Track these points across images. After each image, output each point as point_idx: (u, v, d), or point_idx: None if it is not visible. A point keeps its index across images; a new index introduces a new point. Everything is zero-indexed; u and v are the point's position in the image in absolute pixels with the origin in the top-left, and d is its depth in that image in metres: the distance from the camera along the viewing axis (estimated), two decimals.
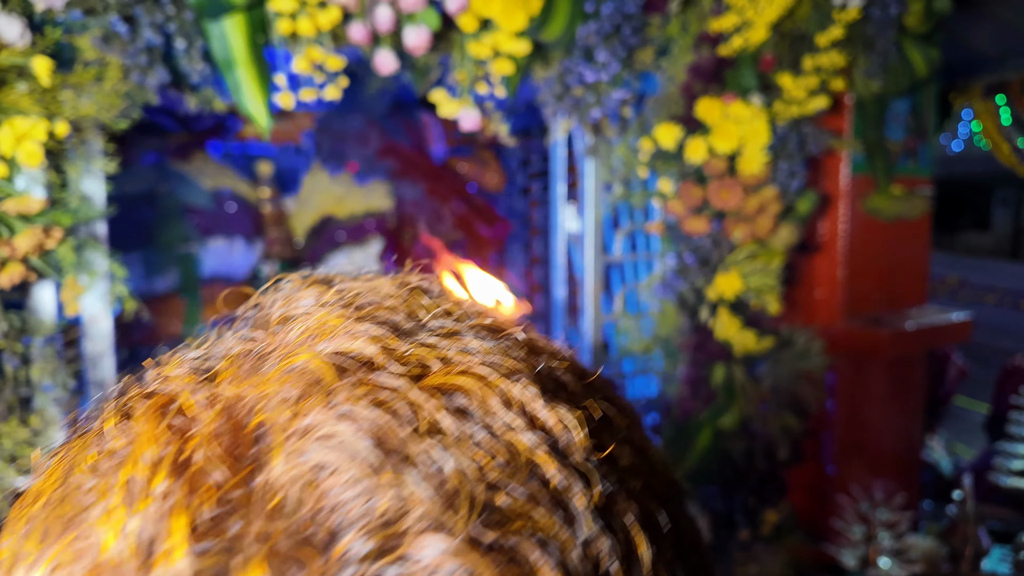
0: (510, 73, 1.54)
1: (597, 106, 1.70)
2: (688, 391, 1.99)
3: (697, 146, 1.79)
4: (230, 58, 1.27)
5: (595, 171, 1.96)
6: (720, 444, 2.05)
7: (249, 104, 1.32)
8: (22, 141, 1.03)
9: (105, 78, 1.20)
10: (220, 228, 2.54)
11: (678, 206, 1.84)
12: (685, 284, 1.92)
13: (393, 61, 1.41)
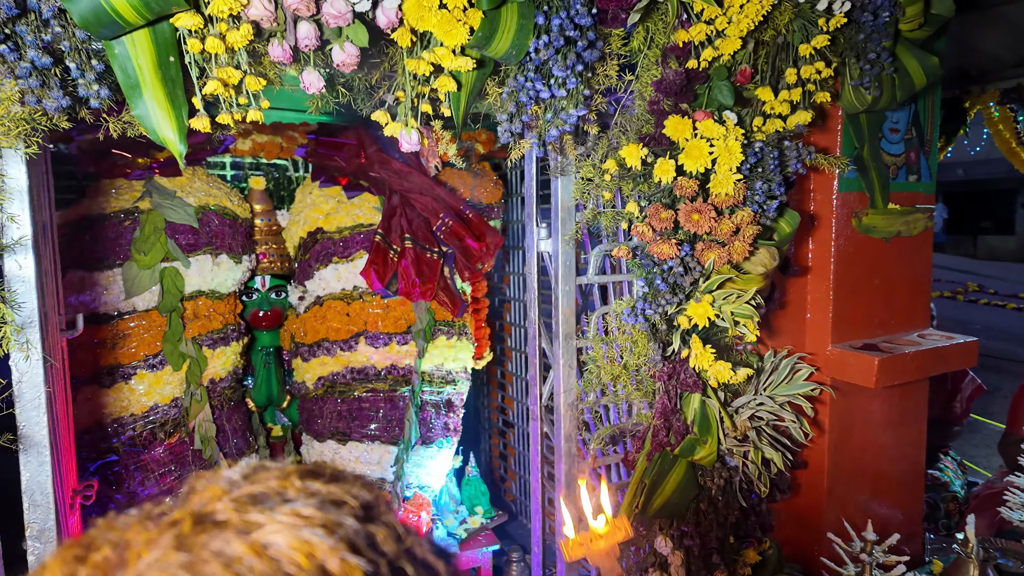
0: (454, 91, 1.37)
1: (555, 125, 1.52)
2: (661, 423, 1.79)
3: (665, 166, 1.59)
4: (136, 80, 1.13)
5: (562, 190, 1.77)
6: (696, 480, 1.85)
7: (161, 129, 1.17)
8: None
9: None
10: (204, 244, 2.43)
11: (645, 229, 1.65)
12: (655, 310, 1.72)
13: (319, 80, 1.25)
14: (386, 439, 2.74)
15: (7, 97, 1.06)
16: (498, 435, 3.94)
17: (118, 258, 2.25)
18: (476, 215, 2.89)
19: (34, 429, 1.39)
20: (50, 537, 1.47)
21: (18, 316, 1.27)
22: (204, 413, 2.45)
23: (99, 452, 2.25)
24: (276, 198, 2.88)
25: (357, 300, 2.73)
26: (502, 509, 3.51)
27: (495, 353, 3.61)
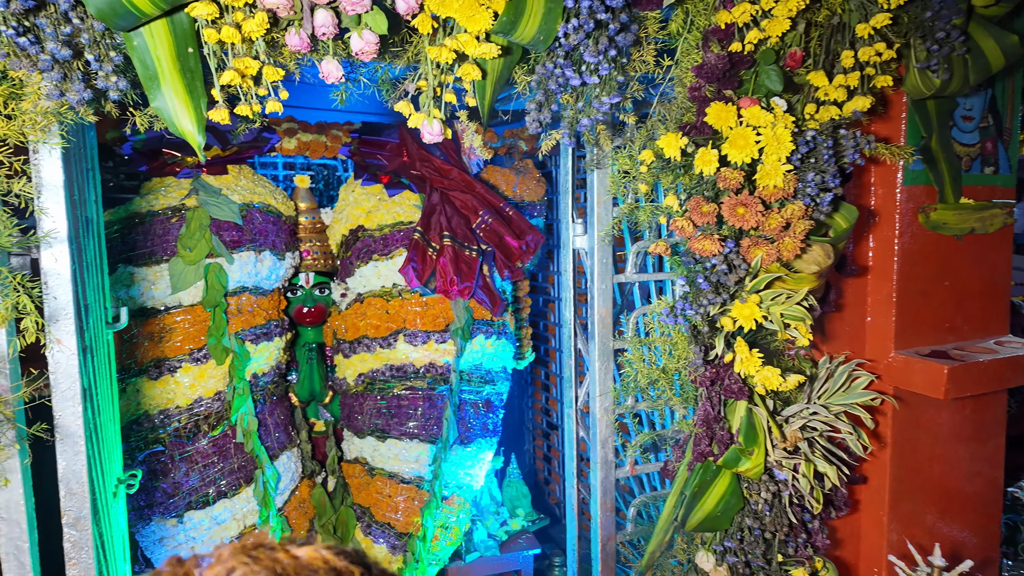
0: (479, 79, 1.30)
1: (586, 115, 1.43)
2: (703, 431, 1.67)
3: (707, 157, 1.48)
4: (154, 72, 1.12)
5: (598, 184, 1.68)
6: (741, 493, 1.71)
7: (180, 121, 1.16)
8: None
9: (24, 96, 1.08)
10: (248, 241, 2.46)
11: (686, 224, 1.53)
12: (696, 311, 1.61)
13: (338, 69, 1.21)
14: (424, 437, 2.71)
15: (34, 91, 1.07)
16: (542, 437, 3.86)
17: (165, 254, 2.30)
18: (517, 213, 2.82)
19: (69, 419, 1.41)
20: (86, 525, 1.49)
21: (51, 308, 1.28)
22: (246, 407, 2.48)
23: (146, 443, 2.30)
24: (324, 197, 2.90)
25: (396, 298, 2.71)
26: (545, 512, 3.43)
27: (539, 353, 3.53)
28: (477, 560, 2.95)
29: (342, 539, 2.74)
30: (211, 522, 2.36)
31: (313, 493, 2.72)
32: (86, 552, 1.48)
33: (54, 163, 1.28)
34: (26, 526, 1.36)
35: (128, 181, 2.53)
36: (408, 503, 2.71)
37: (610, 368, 1.76)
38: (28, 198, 1.22)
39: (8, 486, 1.31)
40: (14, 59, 1.03)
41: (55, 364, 1.36)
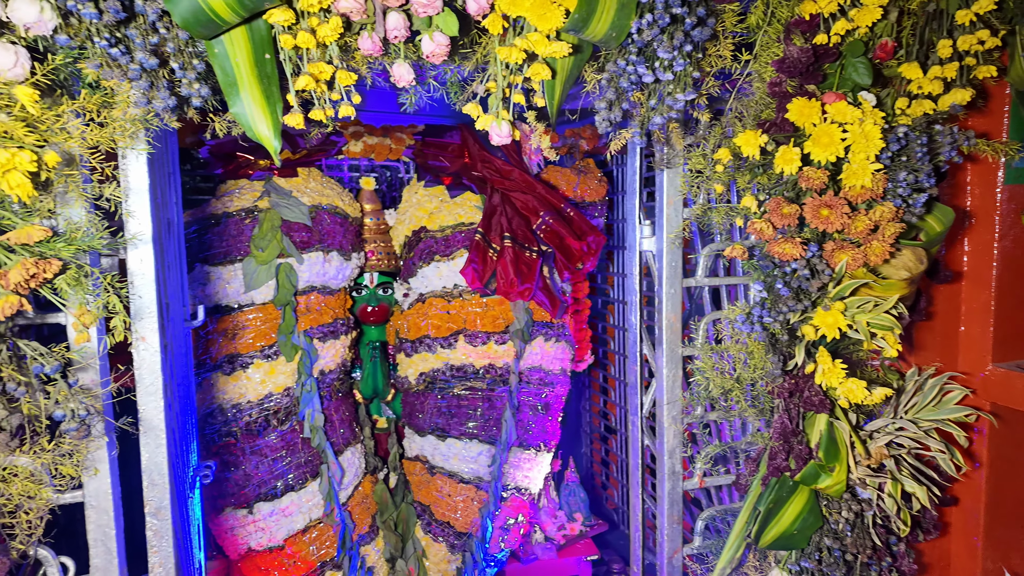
0: (548, 79, 1.27)
1: (659, 112, 1.37)
2: (779, 445, 1.58)
3: (788, 155, 1.39)
4: (234, 79, 1.14)
5: (668, 184, 1.62)
6: (820, 511, 1.61)
7: (257, 126, 1.18)
8: (7, 172, 0.96)
9: (115, 104, 1.13)
10: (316, 241, 2.51)
11: (764, 226, 1.45)
12: (775, 319, 1.52)
13: (409, 72, 1.20)
14: (484, 438, 2.70)
15: (123, 99, 1.11)
16: (599, 440, 3.80)
17: (239, 254, 2.37)
18: (578, 213, 2.78)
19: (152, 413, 1.46)
20: (166, 515, 1.54)
21: (136, 307, 1.33)
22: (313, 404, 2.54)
23: (219, 435, 2.39)
24: (387, 198, 2.94)
25: (457, 298, 2.72)
26: (602, 517, 3.37)
27: (597, 356, 3.47)
28: (535, 563, 2.93)
29: (403, 536, 2.77)
30: (279, 514, 2.43)
31: (375, 489, 2.76)
32: (166, 541, 1.53)
33: (140, 168, 1.33)
34: (113, 514, 1.42)
35: (203, 184, 2.63)
36: (467, 503, 2.71)
37: (679, 375, 1.69)
38: (117, 202, 1.27)
39: (97, 475, 1.37)
40: (106, 69, 1.08)
41: (140, 360, 1.41)
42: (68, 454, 1.25)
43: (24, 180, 0.99)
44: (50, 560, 1.37)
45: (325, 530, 2.52)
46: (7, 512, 1.21)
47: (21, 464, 1.20)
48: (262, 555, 2.44)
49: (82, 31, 1.03)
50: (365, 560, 2.64)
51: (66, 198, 1.14)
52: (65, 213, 1.15)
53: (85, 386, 1.26)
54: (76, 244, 1.08)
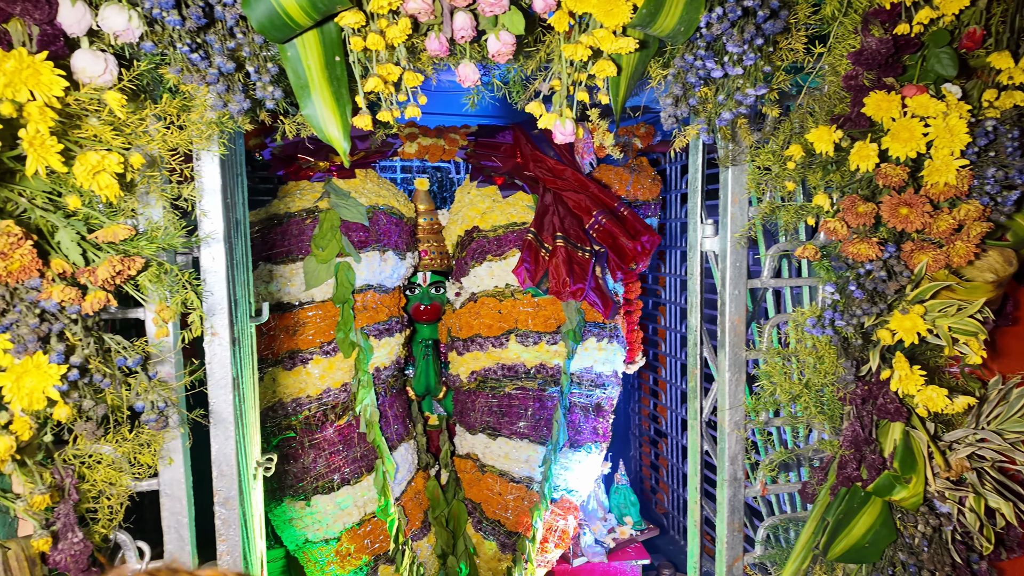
0: (613, 75, 1.25)
1: (728, 108, 1.33)
2: (850, 454, 1.51)
3: (864, 151, 1.33)
4: (305, 81, 1.16)
5: (733, 182, 1.57)
6: (894, 524, 1.53)
7: (327, 128, 1.20)
8: (97, 174, 1.01)
9: (193, 108, 1.17)
10: (373, 241, 2.55)
11: (838, 226, 1.39)
12: (848, 322, 1.45)
13: (474, 72, 1.20)
14: (534, 438, 2.69)
15: (201, 103, 1.15)
16: (649, 444, 3.73)
17: (300, 253, 2.43)
18: (632, 212, 2.73)
19: (222, 406, 1.51)
20: (234, 504, 1.59)
21: (208, 303, 1.37)
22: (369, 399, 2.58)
23: (280, 429, 2.45)
24: (438, 199, 2.97)
25: (509, 298, 2.71)
26: (652, 522, 3.31)
27: (647, 358, 3.41)
28: (584, 565, 2.90)
29: (454, 532, 2.79)
30: (335, 507, 2.48)
31: (427, 485, 2.79)
32: (234, 530, 1.58)
33: (214, 169, 1.37)
34: (186, 502, 1.47)
35: (262, 185, 2.71)
36: (518, 502, 2.71)
37: (742, 380, 1.64)
38: (192, 202, 1.31)
39: (172, 465, 1.42)
40: (186, 74, 1.11)
41: (211, 355, 1.46)
42: (146, 444, 1.30)
43: (112, 181, 1.04)
44: (128, 544, 1.43)
45: (379, 524, 2.55)
46: (91, 497, 1.26)
47: (105, 452, 1.25)
48: (319, 547, 2.49)
49: (165, 38, 1.07)
50: (418, 555, 2.66)
51: (147, 198, 1.18)
52: (146, 213, 1.20)
53: (162, 379, 1.31)
54: (157, 242, 1.12)
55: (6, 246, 0.95)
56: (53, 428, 1.14)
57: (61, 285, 1.03)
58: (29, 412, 1.06)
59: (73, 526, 1.14)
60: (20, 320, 1.01)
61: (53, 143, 0.99)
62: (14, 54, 0.96)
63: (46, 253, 1.06)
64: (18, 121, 0.99)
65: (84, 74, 1.04)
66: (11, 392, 1.00)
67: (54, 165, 1.00)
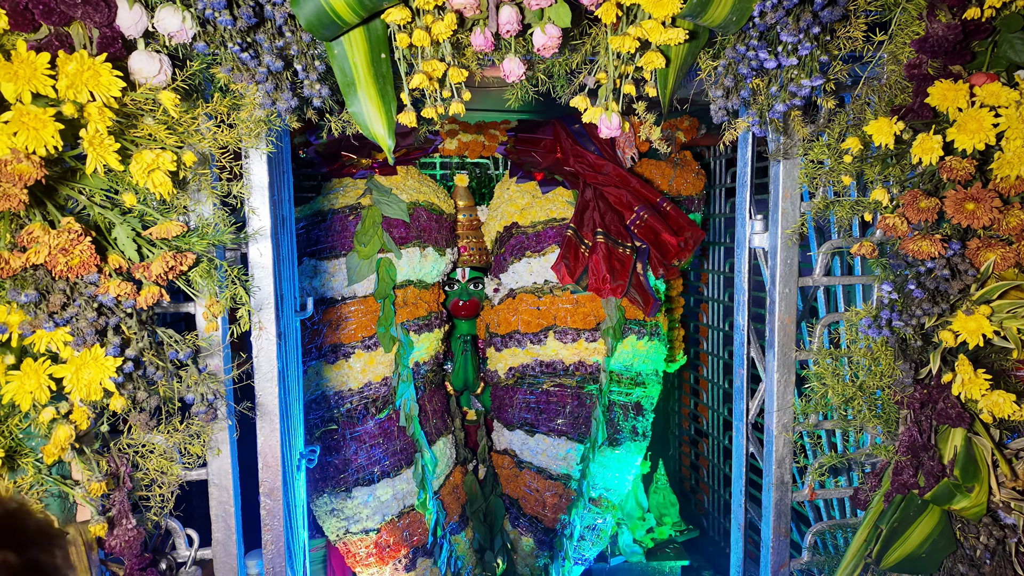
0: (662, 67, 1.21)
1: (781, 100, 1.28)
2: (907, 460, 1.44)
3: (928, 144, 1.26)
4: (352, 79, 1.16)
5: (784, 176, 1.51)
6: (953, 534, 1.46)
7: (372, 125, 1.20)
8: (151, 172, 1.03)
9: (242, 106, 1.18)
10: (414, 237, 2.57)
11: (898, 221, 1.32)
12: (907, 322, 1.38)
13: (519, 67, 1.18)
14: (573, 436, 2.67)
15: (251, 101, 1.16)
16: (689, 444, 3.67)
17: (343, 249, 2.46)
18: (674, 208, 2.68)
19: (268, 399, 1.54)
20: (278, 495, 1.62)
21: (255, 298, 1.40)
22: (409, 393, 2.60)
23: (323, 421, 2.49)
24: (476, 195, 2.96)
25: (548, 294, 2.69)
26: (691, 522, 3.25)
27: (688, 357, 3.35)
28: (622, 564, 2.86)
29: (492, 527, 2.79)
30: (375, 499, 2.51)
31: (465, 480, 2.80)
32: (278, 520, 1.60)
33: (262, 167, 1.39)
34: (232, 492, 1.50)
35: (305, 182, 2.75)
36: (555, 499, 2.69)
37: (791, 381, 1.58)
38: (241, 198, 1.33)
39: (220, 456, 1.45)
40: (236, 73, 1.13)
41: (258, 349, 1.48)
42: (196, 435, 1.33)
43: (166, 179, 1.06)
44: (178, 531, 1.47)
45: (418, 517, 2.57)
46: (144, 485, 1.30)
47: (157, 442, 1.29)
48: (359, 538, 2.53)
49: (216, 38, 1.09)
50: (455, 549, 2.68)
51: (198, 196, 1.20)
52: (197, 210, 1.22)
53: (212, 372, 1.34)
54: (207, 239, 1.14)
55: (67, 242, 0.98)
56: (109, 418, 1.17)
57: (117, 280, 1.06)
58: (87, 402, 1.09)
59: (128, 512, 1.18)
60: (79, 314, 1.04)
61: (111, 142, 1.02)
62: (76, 57, 0.99)
63: (103, 249, 1.09)
64: (79, 121, 1.02)
65: (140, 75, 1.07)
66: (71, 383, 1.03)
67: (112, 163, 1.02)
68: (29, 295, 1.02)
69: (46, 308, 1.03)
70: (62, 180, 1.09)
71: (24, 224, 1.03)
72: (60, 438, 1.03)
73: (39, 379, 1.00)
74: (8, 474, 1.10)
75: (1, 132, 0.92)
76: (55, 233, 0.99)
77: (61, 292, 1.03)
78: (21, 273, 1.03)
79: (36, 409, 1.05)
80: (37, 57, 0.96)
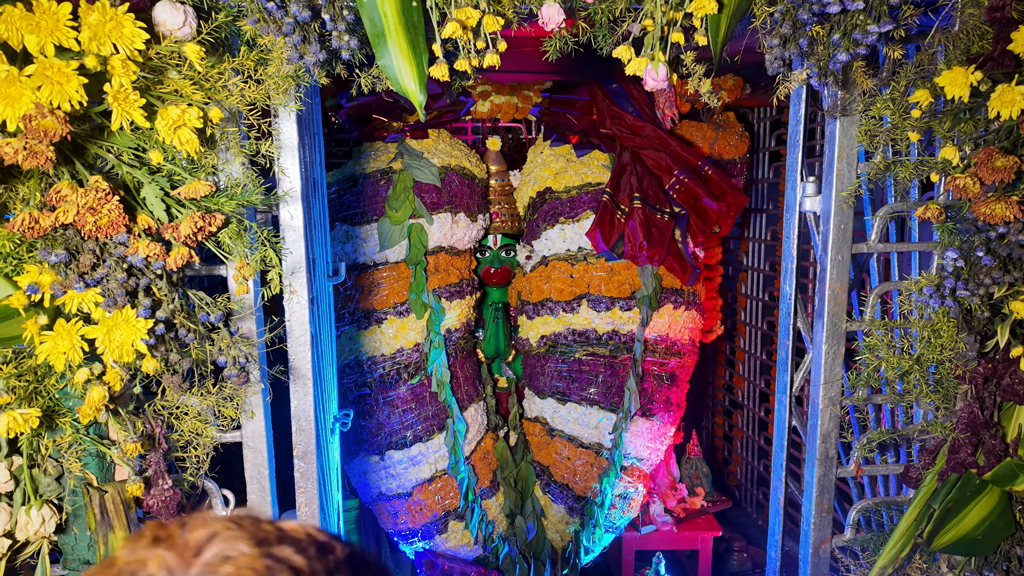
0: (714, 12, 1.11)
1: (844, 49, 1.16)
2: (965, 437, 1.35)
3: (1009, 95, 1.13)
4: (381, 29, 1.09)
5: (841, 134, 1.40)
6: (1013, 516, 1.38)
7: (403, 79, 1.13)
8: (177, 129, 0.99)
9: (270, 61, 1.13)
10: (446, 203, 2.51)
11: (969, 182, 1.21)
12: (973, 292, 1.28)
13: (559, 13, 1.09)
14: (605, 405, 2.63)
15: (278, 56, 1.11)
16: (723, 415, 3.59)
17: (375, 214, 2.43)
18: (717, 171, 2.56)
19: (301, 363, 1.52)
20: (312, 458, 1.62)
21: (287, 261, 1.37)
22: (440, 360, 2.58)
23: (356, 385, 2.50)
24: (509, 160, 2.88)
25: (581, 262, 2.62)
26: (724, 493, 3.20)
27: (725, 327, 3.25)
28: (653, 533, 2.84)
29: (522, 493, 2.79)
30: (408, 462, 2.52)
31: (496, 446, 2.79)
32: (311, 483, 1.61)
33: (291, 126, 1.34)
34: (266, 454, 1.51)
35: (337, 148, 2.70)
36: (586, 468, 2.67)
37: (840, 353, 1.49)
38: (270, 158, 1.29)
39: (254, 419, 1.44)
40: (263, 24, 1.07)
41: (291, 312, 1.46)
42: (229, 397, 1.32)
43: (192, 136, 1.02)
44: (214, 492, 1.48)
45: (449, 481, 2.58)
46: (179, 447, 1.30)
47: (191, 404, 1.29)
48: (392, 500, 2.55)
49: None
50: (486, 513, 2.69)
51: (227, 155, 1.17)
52: (226, 169, 1.19)
53: (244, 335, 1.32)
54: (236, 199, 1.11)
55: (95, 201, 0.95)
56: (142, 380, 1.17)
57: (147, 240, 1.03)
58: (120, 364, 1.08)
59: (163, 473, 1.18)
60: (110, 275, 1.03)
61: (136, 97, 0.98)
62: (97, 6, 0.95)
63: (132, 209, 1.07)
64: (103, 76, 0.98)
65: (164, 27, 1.02)
66: (103, 344, 1.02)
67: (137, 120, 0.98)
68: (59, 255, 1.00)
69: (76, 268, 1.01)
70: (91, 138, 1.06)
71: (54, 183, 1.01)
72: (94, 399, 1.03)
73: (72, 339, 0.99)
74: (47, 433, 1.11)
75: (25, 86, 0.89)
76: (83, 192, 0.96)
77: (91, 252, 1.02)
78: (51, 233, 1.01)
79: (71, 370, 1.04)
80: (59, 7, 0.92)
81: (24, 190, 1.02)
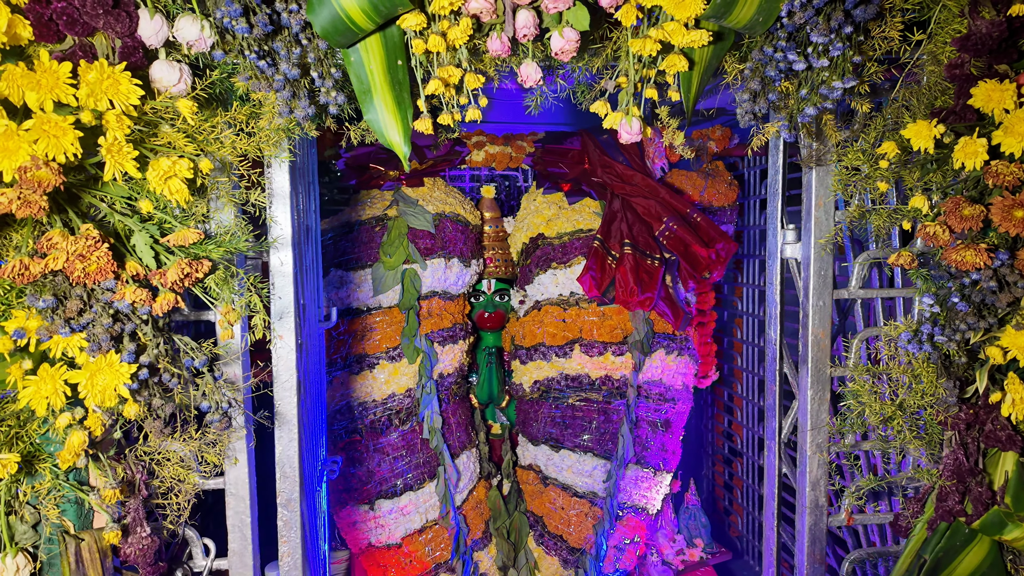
0: (685, 70, 1.17)
1: (811, 103, 1.22)
2: (952, 485, 1.34)
3: (971, 147, 1.18)
4: (368, 86, 1.15)
5: (817, 183, 1.44)
6: (1004, 566, 1.35)
7: (388, 132, 1.19)
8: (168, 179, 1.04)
9: (261, 114, 1.19)
10: (439, 248, 2.56)
11: (939, 230, 1.24)
12: (950, 337, 1.29)
13: (536, 72, 1.15)
14: (599, 452, 2.60)
15: (269, 110, 1.16)
16: (723, 463, 3.54)
17: (369, 259, 2.47)
18: (705, 219, 2.61)
19: (287, 408, 1.53)
20: (295, 507, 1.60)
21: (276, 306, 1.39)
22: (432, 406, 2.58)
23: (347, 432, 2.49)
24: (505, 207, 2.95)
25: (574, 306, 2.65)
26: (725, 545, 3.12)
27: (722, 373, 3.24)
28: None
29: (516, 545, 2.73)
30: (398, 512, 2.48)
31: (489, 495, 2.75)
32: (295, 532, 1.59)
33: (283, 175, 1.39)
34: (249, 502, 1.50)
35: (340, 195, 2.78)
36: (580, 518, 2.62)
37: (825, 398, 1.50)
38: (261, 207, 1.34)
39: (237, 465, 1.44)
40: (255, 81, 1.13)
41: (277, 357, 1.48)
42: (212, 443, 1.33)
43: (182, 186, 1.06)
44: (195, 540, 1.47)
45: (440, 532, 2.54)
46: (160, 494, 1.30)
47: (173, 450, 1.29)
48: (381, 551, 2.50)
49: (235, 46, 1.09)
50: (478, 566, 2.62)
51: (218, 203, 1.21)
52: (217, 218, 1.23)
53: (229, 380, 1.34)
54: (225, 246, 1.14)
55: (84, 248, 0.99)
56: (124, 425, 1.18)
57: (133, 286, 1.07)
58: (102, 408, 1.09)
59: (142, 520, 1.18)
60: (96, 320, 1.05)
61: (129, 150, 1.03)
62: (96, 66, 1.00)
63: (121, 256, 1.10)
64: (99, 129, 1.03)
65: (161, 83, 1.08)
66: (85, 388, 1.04)
67: (129, 170, 1.03)
68: (47, 300, 1.03)
69: (63, 314, 1.04)
70: (85, 187, 1.10)
71: (47, 231, 1.05)
72: (74, 444, 1.04)
73: (55, 384, 1.01)
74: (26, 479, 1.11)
75: (22, 139, 0.94)
76: (73, 239, 1.00)
77: (78, 298, 1.04)
78: (40, 279, 1.04)
79: (53, 414, 1.06)
80: (60, 66, 0.98)
81: (17, 238, 1.06)
